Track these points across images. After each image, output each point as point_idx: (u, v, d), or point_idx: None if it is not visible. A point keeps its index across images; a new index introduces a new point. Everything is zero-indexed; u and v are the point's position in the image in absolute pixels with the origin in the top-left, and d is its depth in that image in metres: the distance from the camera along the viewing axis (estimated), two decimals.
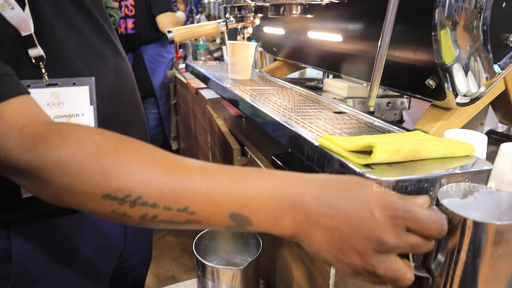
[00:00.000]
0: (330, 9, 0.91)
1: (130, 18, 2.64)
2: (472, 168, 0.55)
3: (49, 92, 0.64)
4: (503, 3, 0.66)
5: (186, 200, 0.41)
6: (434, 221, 0.42)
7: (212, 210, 0.42)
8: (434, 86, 0.73)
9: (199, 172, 0.43)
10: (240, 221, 0.42)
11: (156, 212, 0.42)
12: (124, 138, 0.45)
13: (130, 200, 0.41)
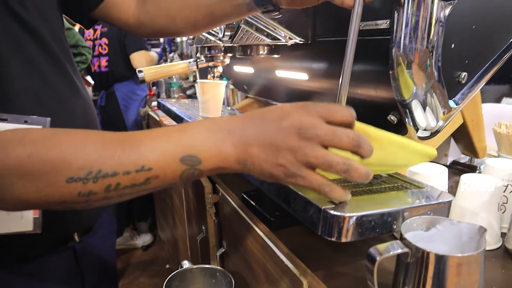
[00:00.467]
0: (296, 49, 0.94)
1: (104, 56, 2.66)
2: (433, 200, 0.56)
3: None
4: (452, 44, 0.71)
5: (141, 159, 0.46)
6: (342, 108, 0.48)
7: (165, 160, 0.46)
8: (396, 122, 0.76)
9: (145, 135, 0.48)
10: (191, 162, 0.47)
11: (118, 180, 0.46)
12: (73, 130, 0.49)
13: (92, 176, 0.45)
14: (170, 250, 2.40)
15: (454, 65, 0.74)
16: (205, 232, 1.20)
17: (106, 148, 0.46)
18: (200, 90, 1.27)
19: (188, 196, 1.51)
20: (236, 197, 0.94)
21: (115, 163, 0.45)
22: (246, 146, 0.47)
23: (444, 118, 0.77)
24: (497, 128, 0.92)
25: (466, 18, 0.73)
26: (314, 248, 0.71)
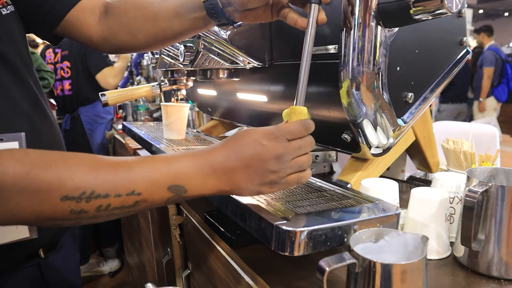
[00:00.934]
0: (255, 73, 0.98)
1: (67, 79, 2.63)
2: (381, 213, 0.60)
3: None
4: (398, 67, 0.76)
5: (132, 185, 0.51)
6: (299, 127, 0.58)
7: (154, 187, 0.53)
8: (350, 140, 0.80)
9: (137, 163, 0.53)
10: (178, 190, 0.54)
11: (109, 201, 0.51)
12: (67, 152, 0.53)
13: (86, 196, 0.49)
14: (137, 275, 2.35)
15: (400, 86, 0.80)
16: (170, 254, 1.19)
17: (100, 172, 0.51)
18: (163, 113, 1.28)
19: (153, 219, 1.50)
20: (199, 217, 0.95)
21: (107, 186, 0.50)
22: (230, 177, 0.56)
23: (394, 136, 0.82)
24: (445, 144, 0.98)
25: (409, 43, 0.79)
26: (274, 264, 0.72)
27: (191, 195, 0.56)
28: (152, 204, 0.54)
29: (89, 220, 0.52)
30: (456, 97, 5.19)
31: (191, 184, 0.55)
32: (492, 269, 0.67)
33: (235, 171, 0.56)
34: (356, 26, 0.68)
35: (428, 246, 0.72)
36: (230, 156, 0.56)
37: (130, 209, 0.53)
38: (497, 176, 0.74)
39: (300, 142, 0.58)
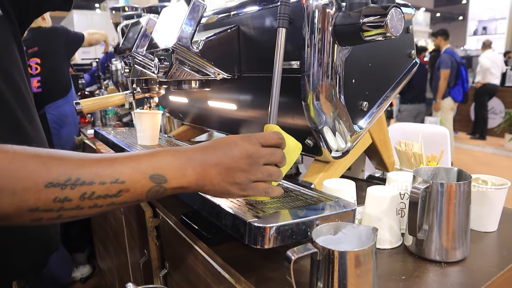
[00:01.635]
0: (224, 83, 1.06)
1: (35, 77, 2.61)
2: (340, 210, 0.69)
3: None
4: (353, 79, 0.86)
5: (116, 173, 0.54)
6: (273, 135, 0.65)
7: (137, 176, 0.55)
8: (312, 145, 0.89)
9: (119, 155, 0.57)
10: (159, 180, 0.57)
11: (94, 189, 0.52)
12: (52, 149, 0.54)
13: (71, 183, 0.50)
14: (110, 279, 2.36)
15: (356, 96, 0.90)
16: (147, 255, 1.25)
17: (85, 161, 0.53)
18: (137, 120, 1.34)
19: (128, 222, 1.54)
20: (175, 219, 1.01)
21: (92, 173, 0.52)
22: (205, 171, 0.60)
23: (351, 140, 0.92)
24: (398, 146, 1.09)
25: (363, 58, 0.89)
26: (247, 259, 0.80)
27: (171, 186, 0.58)
28: (134, 195, 0.56)
29: (71, 211, 0.51)
30: (414, 98, 5.46)
31: (170, 175, 0.58)
32: (435, 254, 0.78)
33: (210, 166, 0.60)
34: (315, 44, 0.77)
35: (382, 237, 0.83)
36: (207, 153, 0.61)
37: (113, 199, 0.54)
38: (439, 174, 0.85)
39: (272, 149, 0.63)
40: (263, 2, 0.90)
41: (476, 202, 0.91)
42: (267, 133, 0.65)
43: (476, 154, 6.90)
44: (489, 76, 7.20)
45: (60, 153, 0.52)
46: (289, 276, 0.57)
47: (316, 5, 0.76)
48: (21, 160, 0.48)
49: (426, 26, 18.50)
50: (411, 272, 0.74)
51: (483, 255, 0.82)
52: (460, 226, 0.77)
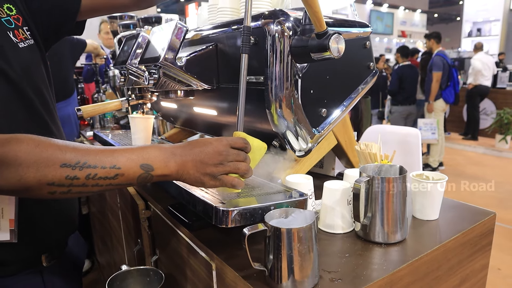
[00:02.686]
0: (206, 92, 1.21)
1: None
2: (291, 199, 0.85)
3: None
4: (311, 90, 1.02)
5: (114, 160, 0.70)
6: (239, 140, 0.78)
7: (130, 163, 0.71)
8: (278, 145, 1.04)
9: (117, 148, 0.72)
10: (147, 168, 0.72)
11: (96, 171, 0.68)
12: None
13: (79, 165, 0.67)
14: (109, 273, 2.52)
15: (315, 104, 1.05)
16: (140, 244, 1.40)
17: (91, 151, 0.69)
18: (132, 124, 1.49)
19: (125, 216, 1.70)
20: (163, 209, 1.17)
21: (96, 159, 0.68)
22: (184, 163, 0.74)
23: (312, 141, 1.08)
24: (357, 147, 1.25)
25: (320, 72, 1.04)
26: (220, 241, 0.96)
27: (156, 174, 0.73)
28: (127, 179, 0.71)
29: (78, 188, 0.68)
30: (405, 100, 5.61)
31: (157, 165, 0.73)
32: (378, 237, 0.93)
33: (188, 160, 0.74)
34: (276, 62, 0.93)
35: (335, 223, 0.99)
36: (186, 150, 0.75)
37: (111, 181, 0.70)
38: (383, 170, 1.01)
39: (238, 151, 0.78)
40: (237, 24, 1.06)
41: (419, 194, 1.07)
42: (235, 138, 0.79)
43: (468, 154, 7.06)
44: (481, 78, 7.36)
45: (73, 143, 0.69)
46: (245, 246, 0.72)
47: (276, 30, 0.92)
48: (44, 145, 0.66)
49: (423, 27, 18.68)
50: (355, 251, 0.90)
51: (420, 238, 0.97)
52: (398, 213, 0.93)
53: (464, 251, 1.00)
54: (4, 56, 0.80)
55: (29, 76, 0.86)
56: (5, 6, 0.85)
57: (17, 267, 0.90)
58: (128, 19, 2.70)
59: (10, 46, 0.82)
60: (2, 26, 0.82)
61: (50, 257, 0.96)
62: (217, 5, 1.24)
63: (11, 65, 0.82)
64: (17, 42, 0.84)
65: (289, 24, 0.93)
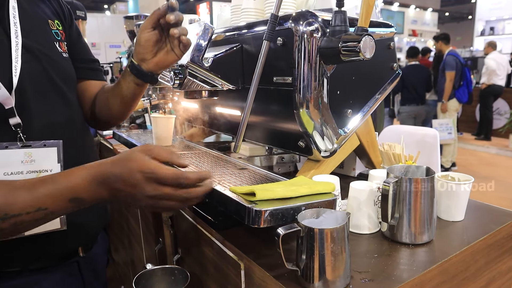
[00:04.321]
0: (231, 92, 1.22)
1: None
2: (321, 199, 0.85)
3: (23, 152, 0.82)
4: (338, 91, 1.02)
5: (38, 202, 0.66)
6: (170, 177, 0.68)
7: (58, 201, 0.67)
8: (304, 146, 1.05)
9: (40, 183, 0.67)
10: (78, 201, 0.68)
11: (22, 218, 0.65)
12: None
13: (1, 217, 0.64)
14: (125, 271, 2.55)
15: (341, 105, 1.06)
16: (162, 243, 1.42)
17: (11, 196, 0.65)
18: (153, 124, 1.51)
19: (144, 215, 1.72)
20: (188, 209, 1.18)
21: (18, 208, 0.64)
22: (115, 191, 0.69)
23: (337, 142, 1.08)
24: (381, 147, 1.25)
25: (347, 73, 1.05)
26: (247, 240, 0.96)
27: (88, 203, 0.70)
28: (58, 214, 0.70)
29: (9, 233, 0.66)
30: (414, 100, 5.58)
31: (87, 196, 0.68)
32: (405, 238, 0.93)
33: (119, 192, 0.69)
34: (304, 63, 0.93)
35: (361, 223, 0.99)
36: (115, 178, 0.68)
37: (43, 220, 0.67)
38: (409, 171, 1.01)
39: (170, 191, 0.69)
40: (263, 25, 1.06)
41: (445, 195, 1.06)
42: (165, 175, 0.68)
43: (481, 154, 6.99)
44: (495, 77, 7.28)
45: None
46: (279, 248, 0.73)
47: (304, 31, 0.92)
48: None
49: (434, 26, 18.50)
50: (383, 252, 0.90)
51: (447, 239, 0.97)
52: (425, 214, 0.93)
53: (491, 252, 0.99)
54: (50, 61, 0.89)
55: (68, 80, 0.94)
56: (55, 21, 0.97)
57: (60, 257, 0.94)
58: (144, 19, 2.73)
59: (55, 55, 0.92)
60: (51, 37, 0.93)
61: (86, 248, 1.01)
62: (241, 6, 1.24)
63: (55, 69, 0.90)
64: (61, 52, 0.94)
65: (318, 25, 0.93)
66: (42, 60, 0.88)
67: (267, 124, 1.16)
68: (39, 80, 0.87)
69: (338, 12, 0.90)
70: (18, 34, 0.84)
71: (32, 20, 0.90)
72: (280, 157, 1.39)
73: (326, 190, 0.91)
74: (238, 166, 1.17)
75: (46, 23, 0.93)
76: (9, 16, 0.84)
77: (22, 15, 0.87)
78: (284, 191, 0.85)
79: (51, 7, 0.98)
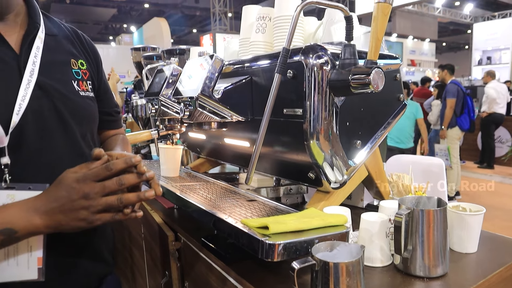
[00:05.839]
0: (239, 123, 1.23)
1: None
2: (334, 232, 0.84)
3: (6, 193, 0.79)
4: (347, 122, 1.03)
5: None
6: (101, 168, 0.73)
7: None
8: (314, 178, 1.05)
9: None
10: (9, 232, 0.69)
11: None
12: None
13: None
14: None
15: (350, 136, 1.06)
16: (168, 276, 1.39)
17: None
18: (161, 154, 1.51)
19: (149, 247, 1.69)
20: (196, 241, 1.16)
21: None
22: (50, 217, 0.71)
23: (347, 173, 1.08)
24: (389, 178, 1.24)
25: (356, 104, 1.06)
26: (258, 274, 0.95)
27: (22, 234, 0.70)
28: None
29: None
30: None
31: (19, 226, 0.69)
32: (419, 271, 0.92)
33: (54, 212, 0.70)
34: (314, 95, 0.94)
35: (374, 256, 0.97)
36: (50, 200, 0.70)
37: None
38: (421, 202, 1.00)
39: (104, 182, 0.72)
40: (274, 58, 1.08)
41: (457, 226, 1.05)
42: (95, 170, 0.73)
43: (484, 182, 6.95)
44: (495, 106, 7.33)
45: None
46: (294, 284, 0.72)
47: (315, 64, 0.94)
48: None
49: (432, 56, 18.84)
50: (397, 285, 0.88)
51: (462, 272, 0.96)
52: (439, 246, 0.91)
53: (508, 285, 0.97)
54: (64, 99, 0.90)
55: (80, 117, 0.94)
56: (79, 61, 0.98)
57: None
58: (151, 51, 2.78)
59: (70, 92, 0.92)
60: (70, 75, 0.94)
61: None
62: (249, 39, 1.27)
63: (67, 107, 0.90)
64: (78, 90, 0.95)
65: (327, 58, 0.95)
66: (54, 97, 0.88)
67: (276, 155, 1.16)
68: (46, 116, 0.86)
69: (348, 45, 0.92)
70: (34, 72, 0.85)
71: (54, 59, 0.91)
72: (288, 188, 1.39)
73: (339, 223, 0.90)
74: (247, 197, 1.16)
75: (68, 63, 0.95)
76: (30, 55, 0.86)
77: (45, 54, 0.89)
78: (296, 224, 0.85)
79: (78, 47, 1.00)
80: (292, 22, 0.88)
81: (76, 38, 1.02)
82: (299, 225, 0.85)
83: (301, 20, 1.18)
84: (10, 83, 0.82)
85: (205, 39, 12.14)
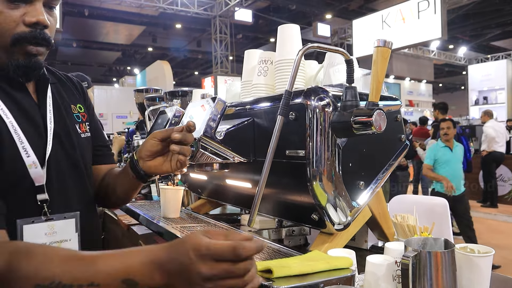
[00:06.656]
0: (241, 164, 1.23)
1: None
2: (339, 275, 0.82)
3: (47, 225, 0.90)
4: (350, 163, 1.03)
5: (92, 277, 0.65)
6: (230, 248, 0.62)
7: (110, 280, 0.65)
8: (317, 219, 1.03)
9: (98, 257, 0.67)
10: (131, 283, 0.66)
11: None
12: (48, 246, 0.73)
13: (54, 285, 0.63)
14: None
15: (353, 177, 1.06)
16: None
17: (67, 264, 0.65)
18: (162, 195, 1.50)
19: None
20: None
21: (72, 278, 0.64)
22: (170, 276, 0.65)
23: (351, 214, 1.06)
24: (394, 219, 1.22)
25: (358, 146, 1.06)
26: None
27: (142, 285, 0.67)
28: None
29: None
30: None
31: (140, 279, 0.66)
32: None
33: (173, 274, 0.64)
34: (316, 137, 0.95)
35: None
36: (171, 261, 0.65)
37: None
38: (427, 243, 0.98)
39: (228, 266, 0.62)
40: (276, 100, 1.10)
41: (465, 268, 1.02)
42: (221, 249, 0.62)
43: (489, 222, 6.85)
44: (495, 144, 7.36)
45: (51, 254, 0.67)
46: None
47: (316, 105, 0.95)
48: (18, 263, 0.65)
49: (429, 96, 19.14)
50: None
51: None
52: None
53: None
54: (71, 143, 0.98)
55: (85, 157, 1.03)
56: (78, 105, 1.07)
57: None
58: (153, 93, 2.83)
59: (76, 137, 1.01)
60: (74, 119, 1.03)
61: None
62: (251, 82, 1.29)
63: (75, 150, 0.99)
64: (80, 132, 1.04)
65: (329, 100, 0.96)
66: (65, 144, 0.97)
67: (278, 196, 1.15)
68: (60, 160, 0.95)
69: (349, 87, 0.94)
70: (51, 120, 0.94)
71: (60, 106, 1.00)
72: (290, 230, 1.37)
73: (344, 265, 0.88)
74: None
75: (70, 107, 1.03)
76: (47, 104, 0.95)
77: (55, 102, 0.97)
78: (301, 267, 0.83)
79: (74, 91, 1.08)
80: (294, 65, 0.90)
81: (71, 83, 1.09)
82: (304, 269, 0.83)
83: (302, 63, 1.21)
84: (37, 129, 0.91)
85: (207, 81, 12.39)
